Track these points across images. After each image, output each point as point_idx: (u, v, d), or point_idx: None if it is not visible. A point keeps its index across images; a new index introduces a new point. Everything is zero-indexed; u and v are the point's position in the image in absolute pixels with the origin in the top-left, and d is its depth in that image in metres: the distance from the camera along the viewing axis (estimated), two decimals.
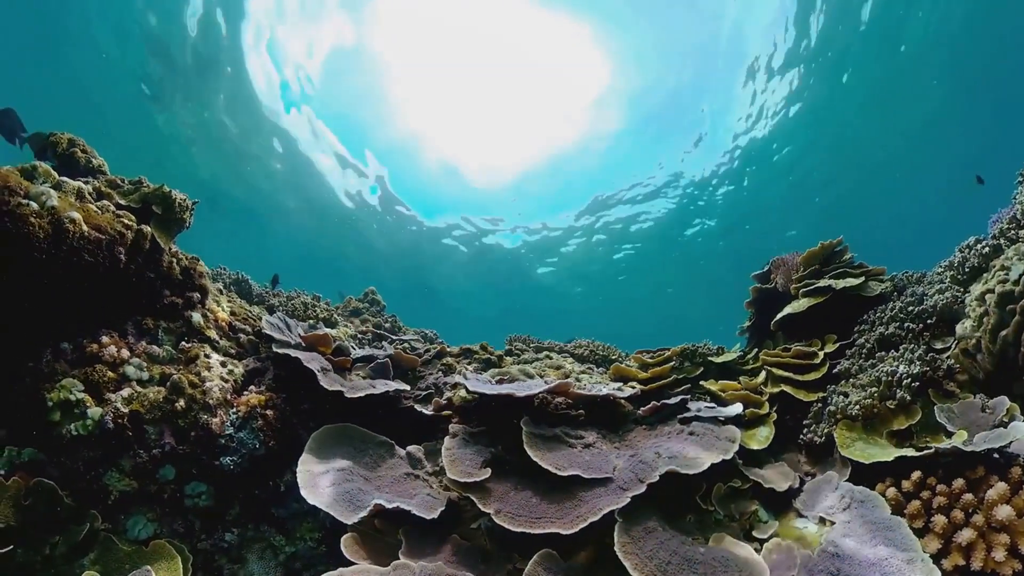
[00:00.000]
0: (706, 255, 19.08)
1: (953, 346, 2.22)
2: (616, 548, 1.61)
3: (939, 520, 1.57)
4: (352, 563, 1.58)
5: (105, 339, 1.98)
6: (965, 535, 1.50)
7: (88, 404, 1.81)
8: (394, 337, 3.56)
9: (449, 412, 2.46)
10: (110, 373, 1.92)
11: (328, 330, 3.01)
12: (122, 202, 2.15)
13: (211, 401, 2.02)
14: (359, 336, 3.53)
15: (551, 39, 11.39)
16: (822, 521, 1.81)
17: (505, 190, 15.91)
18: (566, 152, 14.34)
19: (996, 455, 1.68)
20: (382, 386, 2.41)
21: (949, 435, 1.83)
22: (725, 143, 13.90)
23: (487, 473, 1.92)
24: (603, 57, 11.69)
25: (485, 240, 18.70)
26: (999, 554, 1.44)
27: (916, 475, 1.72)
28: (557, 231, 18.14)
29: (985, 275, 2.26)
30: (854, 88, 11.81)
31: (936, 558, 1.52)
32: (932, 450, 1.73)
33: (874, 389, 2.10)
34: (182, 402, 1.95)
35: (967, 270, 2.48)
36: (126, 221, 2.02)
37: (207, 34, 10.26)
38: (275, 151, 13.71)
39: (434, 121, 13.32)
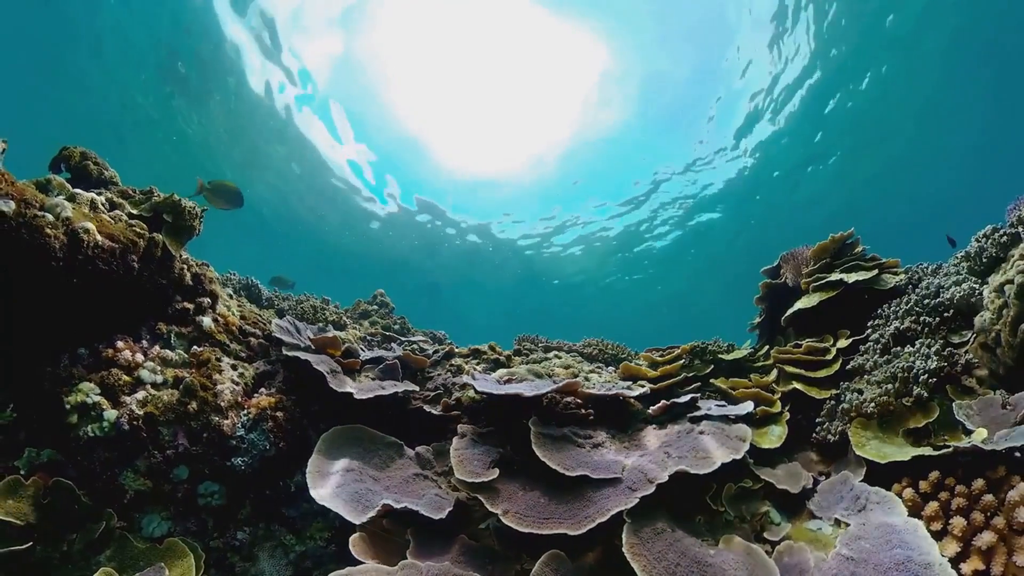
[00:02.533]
0: (718, 247, 18.81)
1: (971, 340, 2.16)
2: (624, 549, 1.60)
3: (958, 523, 1.53)
4: (360, 563, 1.60)
5: (120, 344, 2.03)
6: (985, 538, 1.46)
7: (104, 407, 1.85)
8: (403, 339, 3.59)
9: (458, 412, 2.46)
10: (125, 377, 1.96)
11: (337, 332, 3.04)
12: (134, 211, 2.20)
13: (222, 403, 2.06)
14: (368, 338, 3.56)
15: (558, 34, 11.37)
16: (837, 523, 1.77)
17: (511, 187, 15.90)
18: (572, 147, 14.27)
19: (1018, 454, 1.62)
20: (391, 387, 2.42)
21: (968, 433, 1.78)
22: (733, 136, 13.70)
23: (495, 473, 1.92)
24: (608, 47, 11.61)
25: (494, 237, 18.72)
26: (1021, 559, 1.39)
27: (934, 475, 1.67)
28: (562, 228, 18.07)
29: (1004, 265, 2.18)
30: (864, 73, 11.53)
31: (955, 562, 1.47)
32: (951, 449, 1.68)
33: (890, 386, 2.05)
34: (194, 404, 1.99)
35: (984, 260, 2.40)
36: (138, 230, 2.06)
37: (217, 40, 10.45)
38: (279, 155, 13.91)
39: (439, 120, 13.41)
